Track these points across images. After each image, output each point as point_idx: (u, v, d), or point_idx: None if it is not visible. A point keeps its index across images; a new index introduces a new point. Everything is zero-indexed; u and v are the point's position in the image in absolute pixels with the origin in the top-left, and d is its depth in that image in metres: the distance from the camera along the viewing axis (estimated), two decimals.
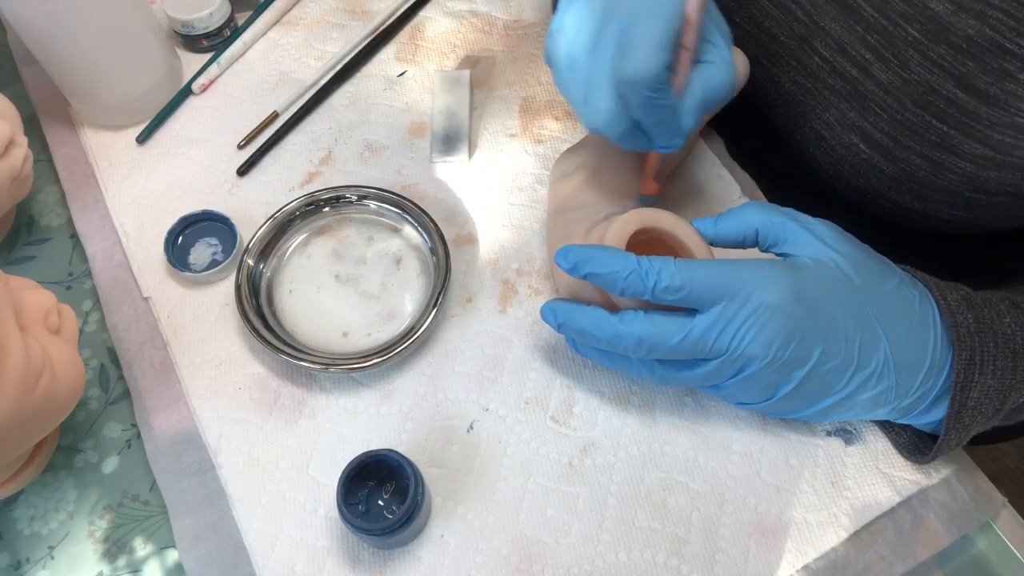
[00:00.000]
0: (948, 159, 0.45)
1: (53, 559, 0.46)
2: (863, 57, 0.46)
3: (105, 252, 0.55)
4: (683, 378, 0.43)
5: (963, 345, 0.41)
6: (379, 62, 0.64)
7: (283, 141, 0.60)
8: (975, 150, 0.44)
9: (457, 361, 0.51)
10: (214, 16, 0.62)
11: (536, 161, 0.59)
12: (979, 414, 0.42)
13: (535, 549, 0.45)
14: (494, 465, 0.48)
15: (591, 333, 0.43)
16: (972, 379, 0.41)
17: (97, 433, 0.50)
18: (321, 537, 0.46)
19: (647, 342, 0.41)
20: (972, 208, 0.47)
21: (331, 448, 0.48)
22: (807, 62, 0.50)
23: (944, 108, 0.44)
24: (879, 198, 0.51)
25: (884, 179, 0.49)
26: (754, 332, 0.39)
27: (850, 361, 0.40)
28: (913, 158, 0.46)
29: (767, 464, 0.47)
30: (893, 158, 0.47)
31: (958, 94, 0.43)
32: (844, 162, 0.51)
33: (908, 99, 0.45)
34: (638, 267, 0.40)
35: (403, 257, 0.54)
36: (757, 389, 0.41)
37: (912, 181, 0.48)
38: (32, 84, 0.63)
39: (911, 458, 0.47)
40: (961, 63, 0.42)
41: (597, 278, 0.41)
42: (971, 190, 0.46)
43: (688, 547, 0.45)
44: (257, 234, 0.53)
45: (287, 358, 0.48)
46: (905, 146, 0.46)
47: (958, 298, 0.42)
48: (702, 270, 0.40)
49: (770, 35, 0.52)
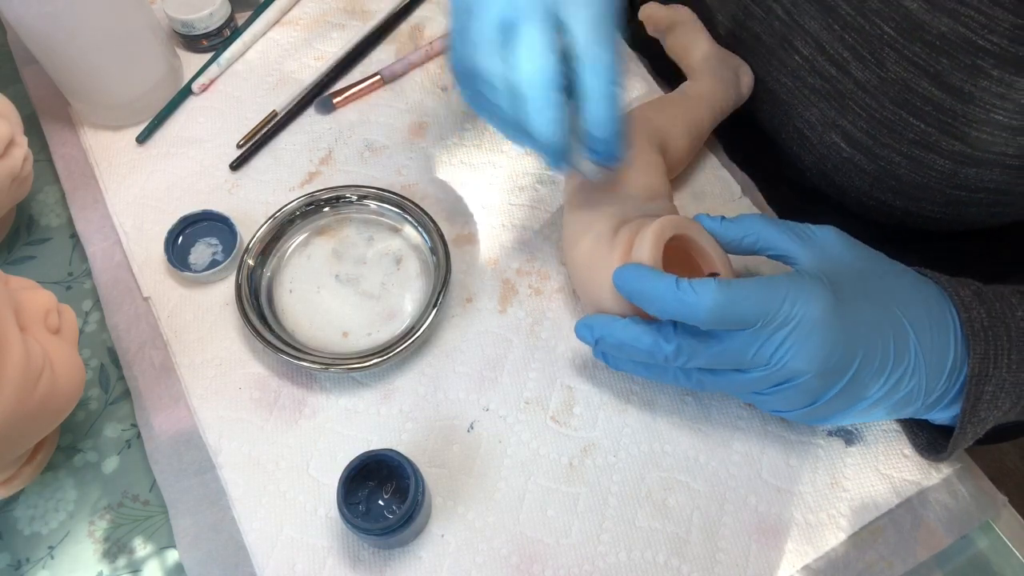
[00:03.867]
0: (927, 156, 0.45)
1: (53, 559, 0.46)
2: (841, 56, 0.47)
3: (105, 252, 0.55)
4: (723, 384, 0.42)
5: (977, 340, 0.41)
6: (379, 62, 0.64)
7: (283, 141, 0.60)
8: (953, 147, 0.44)
9: (457, 361, 0.51)
10: (214, 16, 0.62)
11: (537, 161, 0.59)
12: (995, 408, 0.42)
13: (535, 549, 0.45)
14: (494, 465, 0.48)
15: (631, 345, 0.42)
16: (987, 373, 0.41)
17: (97, 433, 0.50)
18: (321, 537, 0.46)
19: (687, 352, 0.41)
20: (954, 205, 0.48)
21: (331, 448, 0.48)
22: (788, 61, 0.50)
23: (921, 106, 0.44)
24: (862, 196, 0.51)
25: (866, 177, 0.49)
26: (798, 346, 0.39)
27: (887, 361, 0.40)
28: (893, 156, 0.47)
29: (768, 464, 0.47)
30: (873, 156, 0.48)
31: (934, 92, 0.43)
32: (827, 161, 0.51)
33: (886, 97, 0.45)
34: (687, 289, 0.39)
35: (403, 257, 0.54)
36: (799, 399, 0.41)
37: (893, 179, 0.48)
38: (32, 84, 0.63)
39: (929, 456, 0.47)
40: (936, 61, 0.42)
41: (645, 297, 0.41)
42: (951, 187, 0.46)
43: (689, 547, 0.45)
44: (257, 234, 0.53)
45: (287, 358, 0.48)
46: (884, 144, 0.47)
47: (970, 293, 0.42)
48: (744, 289, 0.39)
49: (752, 34, 0.52)
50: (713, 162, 0.58)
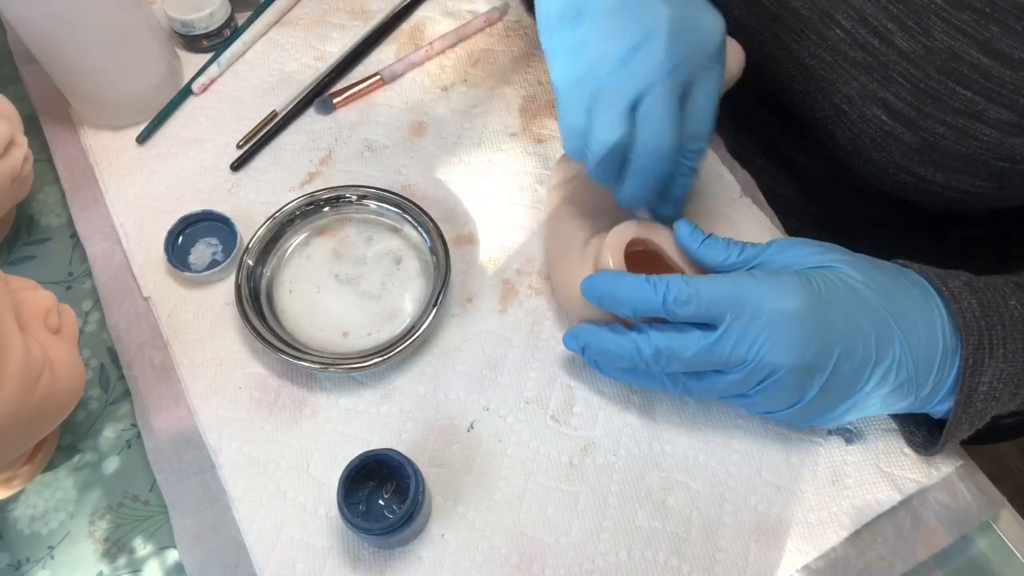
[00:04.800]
0: (972, 126, 0.45)
1: (53, 559, 0.46)
2: (884, 27, 0.46)
3: (105, 252, 0.55)
4: (707, 388, 0.43)
5: (970, 330, 0.41)
6: (379, 62, 0.64)
7: (283, 141, 0.60)
8: (1000, 115, 0.44)
9: (457, 361, 0.51)
10: (214, 16, 0.62)
11: (537, 161, 0.59)
12: (992, 399, 0.41)
13: (535, 548, 0.45)
14: (494, 464, 0.48)
15: (612, 351, 0.44)
16: (982, 364, 0.41)
17: (97, 433, 0.50)
18: (322, 537, 0.46)
19: (665, 353, 0.41)
20: (997, 177, 0.47)
21: (331, 448, 0.48)
22: (828, 35, 0.50)
23: (968, 74, 0.43)
24: (900, 172, 0.51)
25: (906, 151, 0.49)
26: (771, 341, 0.39)
27: (869, 356, 0.40)
28: (936, 127, 0.46)
29: (767, 463, 0.47)
30: (916, 128, 0.47)
31: (982, 59, 0.42)
32: (864, 136, 0.50)
33: (931, 67, 0.45)
34: (647, 283, 0.41)
35: (403, 257, 0.54)
36: (783, 397, 0.41)
37: (935, 151, 0.47)
38: (32, 84, 0.63)
39: (925, 452, 0.47)
40: (985, 28, 0.42)
41: (612, 300, 0.42)
42: (996, 158, 0.46)
43: (688, 546, 0.45)
44: (257, 234, 0.53)
45: (287, 358, 0.48)
46: (928, 115, 0.46)
47: (959, 284, 0.42)
48: (709, 282, 0.41)
49: (790, 9, 0.51)
50: (712, 159, 0.58)
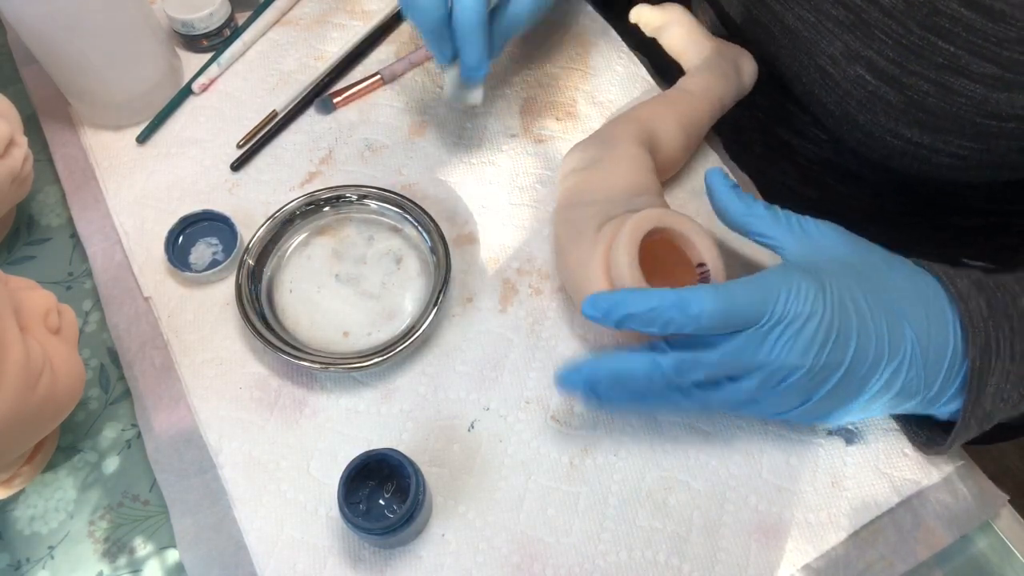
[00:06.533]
0: (957, 82, 0.44)
1: (53, 559, 0.46)
2: None
3: (105, 252, 0.55)
4: (723, 397, 0.42)
5: (977, 331, 0.40)
6: (379, 62, 0.64)
7: (283, 141, 0.60)
8: (984, 69, 0.43)
9: (458, 360, 0.51)
10: (214, 16, 0.62)
11: (537, 161, 0.59)
12: (1000, 400, 0.41)
13: (536, 548, 0.45)
14: (495, 464, 0.48)
15: (626, 374, 0.41)
16: (989, 364, 0.40)
17: (97, 433, 0.50)
18: (322, 537, 0.46)
19: (688, 362, 0.40)
20: (983, 137, 0.47)
21: (332, 448, 0.48)
22: None
23: (950, 28, 0.43)
24: (887, 134, 0.50)
25: (892, 111, 0.48)
26: (792, 342, 0.39)
27: (881, 353, 0.40)
28: (921, 84, 0.46)
29: (768, 463, 0.47)
30: (900, 86, 0.47)
31: (963, 12, 0.42)
32: (850, 97, 0.50)
33: (912, 22, 0.44)
34: (678, 299, 0.39)
35: (403, 257, 0.54)
36: (795, 396, 0.41)
37: (920, 110, 0.47)
38: (32, 84, 0.63)
39: (928, 450, 0.46)
40: None
41: (633, 319, 0.40)
42: (981, 115, 0.45)
43: (689, 546, 0.45)
44: (257, 234, 0.53)
45: (288, 358, 0.48)
46: (912, 72, 0.46)
47: (968, 283, 0.42)
48: (742, 288, 0.39)
49: None
50: (713, 159, 0.59)
